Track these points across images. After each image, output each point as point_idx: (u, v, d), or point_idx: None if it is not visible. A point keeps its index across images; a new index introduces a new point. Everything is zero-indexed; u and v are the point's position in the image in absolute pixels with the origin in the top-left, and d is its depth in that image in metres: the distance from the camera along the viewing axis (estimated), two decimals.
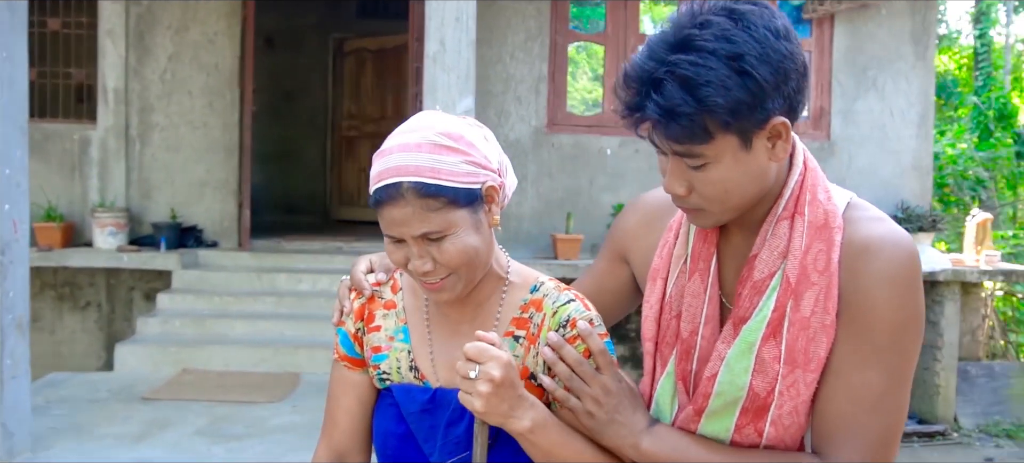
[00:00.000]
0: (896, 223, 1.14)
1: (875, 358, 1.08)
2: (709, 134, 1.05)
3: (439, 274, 1.17)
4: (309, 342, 4.87)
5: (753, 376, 1.12)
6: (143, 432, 3.65)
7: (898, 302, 1.07)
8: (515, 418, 1.14)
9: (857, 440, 1.09)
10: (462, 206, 1.16)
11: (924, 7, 6.61)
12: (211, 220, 6.26)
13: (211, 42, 6.22)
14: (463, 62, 3.11)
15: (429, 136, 1.15)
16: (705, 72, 1.02)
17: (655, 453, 1.16)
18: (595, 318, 1.22)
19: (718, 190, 1.10)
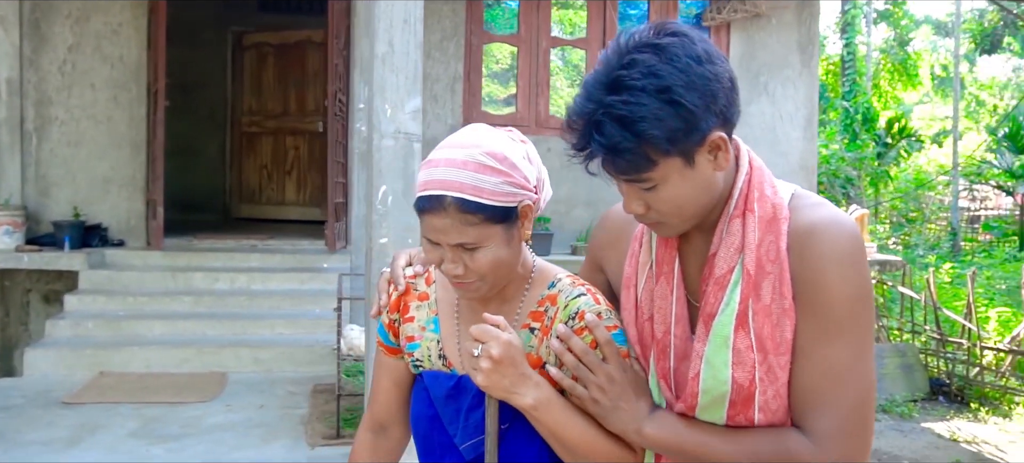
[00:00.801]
0: (840, 212, 1.20)
1: (836, 332, 1.14)
2: (652, 162, 1.13)
3: (469, 278, 1.27)
4: (233, 341, 4.81)
5: (733, 368, 1.18)
6: (73, 437, 3.54)
7: (847, 277, 1.13)
8: (518, 394, 1.23)
9: (831, 410, 1.14)
10: (498, 222, 1.24)
11: (809, 18, 7.17)
12: (117, 218, 6.02)
13: (115, 32, 5.99)
14: (411, 63, 3.20)
15: (475, 155, 1.23)
16: (638, 109, 1.10)
17: (656, 437, 1.23)
18: (604, 311, 1.30)
19: (672, 206, 1.18)
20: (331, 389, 4.32)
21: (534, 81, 6.68)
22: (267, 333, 4.96)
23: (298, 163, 9.08)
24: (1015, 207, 15.15)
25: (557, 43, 7.21)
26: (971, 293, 6.95)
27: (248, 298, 5.31)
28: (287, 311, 5.23)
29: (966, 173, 16.20)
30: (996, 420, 6.16)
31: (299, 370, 4.67)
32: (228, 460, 3.33)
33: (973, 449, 5.45)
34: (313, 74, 8.98)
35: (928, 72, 21.61)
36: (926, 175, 16.64)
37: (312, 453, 3.42)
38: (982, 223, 15.58)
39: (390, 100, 3.18)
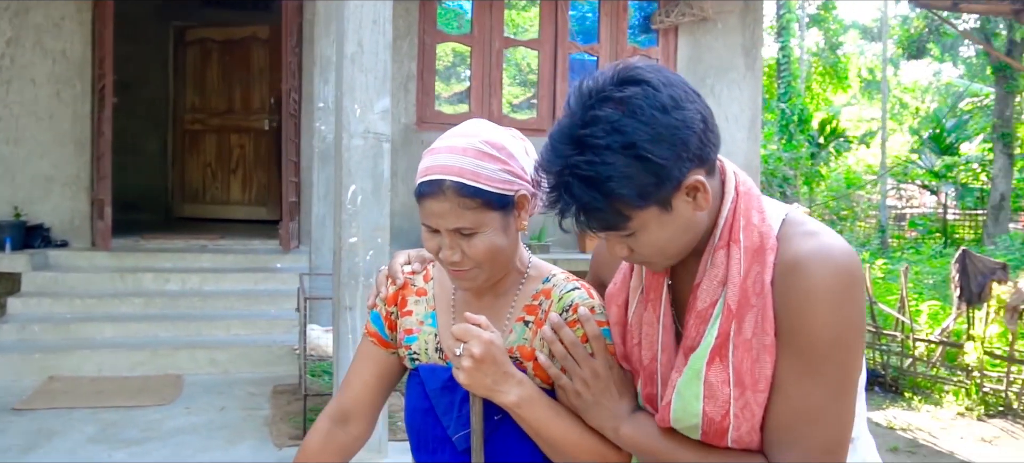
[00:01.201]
0: (835, 240, 1.14)
1: (812, 371, 1.10)
2: (626, 217, 1.10)
3: (466, 265, 1.29)
4: (188, 343, 4.73)
5: (705, 402, 1.14)
6: (29, 443, 3.44)
7: (829, 315, 1.08)
8: (500, 392, 1.24)
9: (799, 449, 1.11)
10: (495, 209, 1.27)
11: (752, 23, 7.41)
12: (60, 218, 5.84)
13: (57, 26, 5.80)
14: (380, 63, 3.22)
15: (475, 142, 1.27)
16: (604, 169, 1.06)
17: (632, 438, 1.22)
18: (598, 307, 1.31)
19: (654, 250, 1.15)
20: (292, 390, 4.30)
21: (487, 81, 6.73)
22: (223, 334, 4.89)
23: (244, 162, 8.92)
24: (938, 205, 15.90)
25: (510, 44, 7.28)
26: (904, 288, 7.28)
27: (201, 299, 5.22)
28: (242, 312, 5.16)
29: (893, 173, 16.91)
30: (928, 408, 6.48)
31: (257, 371, 4.62)
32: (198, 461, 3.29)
33: (908, 436, 5.73)
34: (259, 71, 8.84)
35: (855, 75, 22.48)
36: (856, 175, 17.31)
37: (280, 453, 3.40)
38: (908, 221, 16.30)
39: (359, 100, 3.19)
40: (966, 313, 6.62)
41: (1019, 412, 6.13)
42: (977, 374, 6.45)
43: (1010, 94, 12.01)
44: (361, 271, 3.16)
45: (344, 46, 3.19)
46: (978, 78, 20.71)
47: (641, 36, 7.45)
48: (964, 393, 6.49)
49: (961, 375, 6.58)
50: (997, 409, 6.26)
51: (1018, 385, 6.18)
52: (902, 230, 15.79)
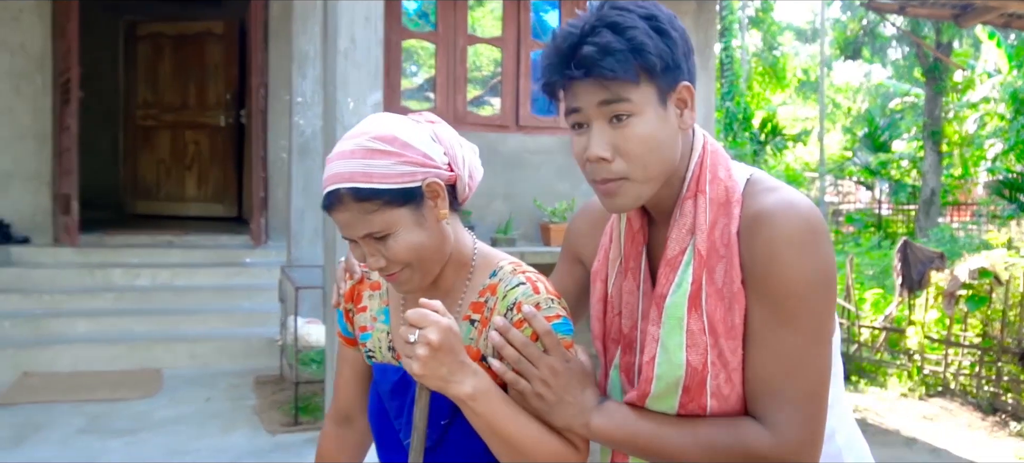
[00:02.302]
0: (799, 196, 1.16)
1: (787, 319, 1.11)
2: (636, 77, 1.11)
3: (393, 268, 1.21)
4: (165, 337, 4.74)
5: (687, 350, 1.15)
6: (15, 436, 3.43)
7: (797, 263, 1.10)
8: (454, 383, 1.14)
9: (787, 400, 1.12)
10: (400, 205, 1.18)
11: (706, 23, 7.68)
12: (20, 214, 5.73)
13: (16, 19, 5.69)
14: (372, 59, 3.32)
15: (362, 142, 1.18)
16: (631, 19, 1.12)
17: (604, 429, 1.18)
18: (544, 301, 1.22)
19: (642, 148, 1.14)
20: (275, 380, 4.36)
21: (451, 78, 6.83)
22: (200, 328, 4.91)
23: (199, 158, 8.82)
24: (873, 201, 16.61)
25: (473, 41, 7.39)
26: (850, 277, 7.67)
27: (174, 294, 5.22)
28: (217, 306, 5.18)
29: (830, 170, 17.58)
30: (874, 390, 6.86)
31: (237, 364, 4.66)
32: (193, 450, 3.34)
33: (857, 416, 6.05)
34: (214, 67, 8.74)
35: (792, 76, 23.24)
36: (795, 171, 17.93)
37: (274, 439, 3.48)
38: (846, 216, 16.98)
39: (352, 94, 3.29)
40: (907, 300, 7.02)
41: (956, 391, 6.55)
42: (918, 357, 6.85)
43: (938, 94, 12.65)
44: None
45: (337, 42, 3.28)
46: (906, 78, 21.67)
47: None
48: (906, 375, 6.89)
49: (903, 359, 6.99)
50: (936, 389, 6.67)
51: (955, 366, 6.60)
52: (840, 225, 16.45)
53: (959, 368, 6.57)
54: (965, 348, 6.53)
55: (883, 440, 5.53)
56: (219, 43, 8.75)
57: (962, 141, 15.19)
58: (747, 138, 15.86)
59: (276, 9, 6.31)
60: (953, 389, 6.56)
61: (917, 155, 15.04)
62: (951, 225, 14.26)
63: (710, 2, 7.71)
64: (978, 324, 6.58)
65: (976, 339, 6.54)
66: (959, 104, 15.11)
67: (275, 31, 6.30)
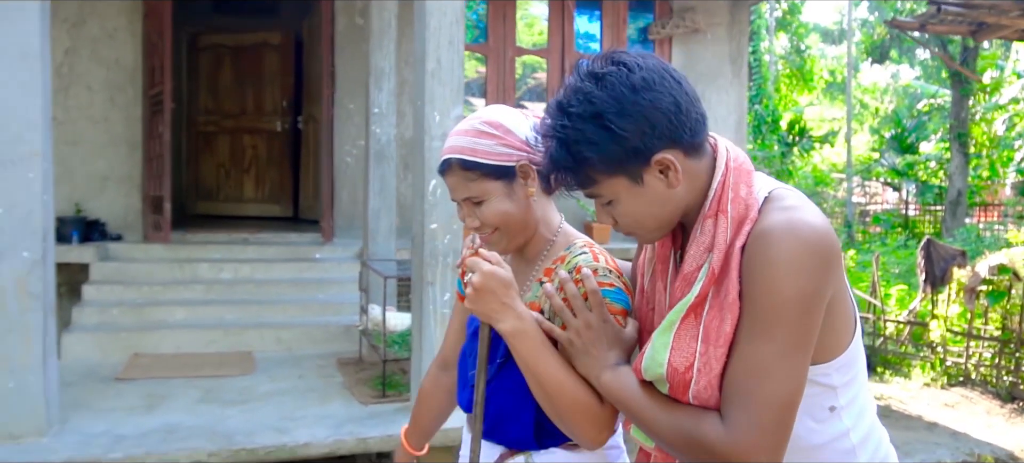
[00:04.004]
0: (807, 214, 1.19)
1: (763, 330, 1.15)
2: (593, 180, 1.23)
3: (485, 230, 1.46)
4: (254, 324, 5.27)
5: (672, 353, 1.22)
6: (147, 404, 3.98)
7: (783, 281, 1.14)
8: (498, 320, 1.34)
9: (748, 403, 1.16)
10: (495, 178, 1.43)
11: (738, 34, 8.12)
12: (114, 214, 6.32)
13: (111, 37, 6.28)
14: (455, 78, 3.81)
15: (474, 124, 1.45)
16: (574, 133, 1.19)
17: (610, 387, 1.30)
18: (602, 269, 1.41)
19: (630, 220, 1.27)
20: (355, 362, 4.87)
21: (501, 86, 7.34)
22: (282, 316, 5.44)
23: (256, 161, 9.36)
24: (900, 202, 16.83)
25: (521, 53, 7.89)
26: (876, 274, 8.04)
27: (255, 286, 5.75)
28: (294, 297, 5.71)
29: (858, 171, 17.78)
30: (899, 380, 7.24)
31: (318, 347, 5.18)
32: (299, 416, 3.86)
33: (881, 404, 6.47)
34: (270, 76, 9.29)
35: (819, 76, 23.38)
36: (822, 173, 18.17)
37: (367, 409, 3.98)
38: (872, 217, 17.20)
39: (438, 108, 3.79)
40: (930, 295, 7.39)
41: (977, 381, 6.91)
42: (940, 349, 7.22)
43: (964, 97, 12.90)
44: (440, 252, 3.76)
45: (425, 63, 3.78)
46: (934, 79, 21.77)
47: (639, 46, 8.11)
48: (929, 366, 7.26)
49: (926, 351, 7.36)
50: (958, 379, 7.04)
51: (976, 357, 6.96)
52: (867, 225, 16.68)
53: (980, 359, 6.93)
54: (985, 340, 6.90)
55: (906, 425, 5.92)
56: (275, 53, 9.29)
57: (990, 142, 15.38)
58: (775, 140, 16.14)
59: (341, 24, 6.84)
60: (974, 379, 6.93)
61: (944, 156, 15.26)
62: (978, 226, 14.46)
63: (742, 13, 8.15)
64: (998, 318, 6.95)
65: (996, 332, 6.91)
66: (987, 106, 15.29)
67: (340, 46, 6.83)
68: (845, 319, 1.26)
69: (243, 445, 3.44)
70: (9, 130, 3.26)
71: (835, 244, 1.18)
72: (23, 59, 3.25)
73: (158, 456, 3.32)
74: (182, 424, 3.67)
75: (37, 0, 3.27)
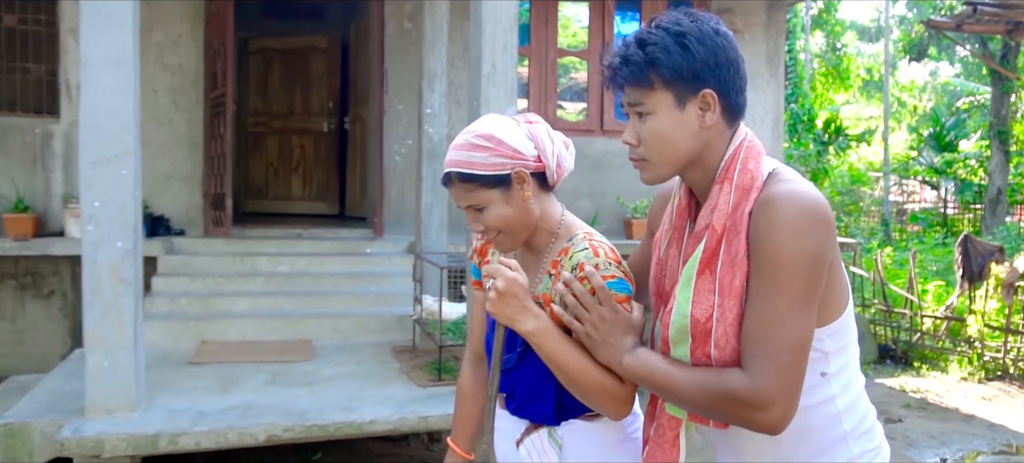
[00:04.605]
0: (807, 187, 1.35)
1: (774, 286, 1.30)
2: (649, 83, 1.38)
3: (490, 233, 1.59)
4: (312, 314, 5.56)
5: (693, 305, 1.38)
6: (223, 385, 4.27)
7: (787, 242, 1.29)
8: (519, 321, 1.49)
9: (765, 350, 1.31)
10: (493, 187, 1.54)
11: (775, 34, 8.25)
12: (177, 210, 6.66)
13: (175, 44, 6.62)
14: (508, 80, 4.05)
15: (470, 138, 1.56)
16: (655, 37, 1.38)
17: (632, 367, 1.45)
18: (602, 263, 1.53)
19: (656, 140, 1.41)
20: (409, 349, 5.14)
21: (543, 88, 7.57)
22: (337, 307, 5.72)
23: (304, 161, 9.69)
24: (938, 200, 16.72)
25: (563, 54, 8.11)
26: (913, 271, 8.12)
27: (311, 278, 6.05)
28: (348, 289, 5.99)
29: (895, 169, 17.67)
30: (935, 375, 7.32)
31: (373, 337, 5.45)
32: (363, 397, 4.12)
33: (918, 397, 6.58)
34: (317, 78, 9.62)
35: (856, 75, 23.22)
36: (859, 171, 18.11)
37: (426, 391, 4.23)
38: (910, 215, 17.09)
39: (493, 109, 4.03)
40: (968, 291, 7.47)
41: (1015, 375, 6.98)
42: (978, 344, 7.30)
43: (1005, 94, 12.83)
44: None
45: (481, 67, 4.03)
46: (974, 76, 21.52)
47: None
48: (966, 361, 7.34)
49: (964, 346, 7.43)
50: (995, 373, 7.12)
51: (1014, 352, 7.03)
52: (904, 224, 16.60)
53: (1018, 354, 7.00)
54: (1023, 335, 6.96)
55: (943, 417, 6.03)
56: (322, 57, 9.62)
57: None
58: (810, 139, 16.15)
59: (390, 29, 7.12)
60: (1011, 373, 7.00)
61: (984, 154, 15.15)
62: (1019, 223, 14.33)
63: (779, 13, 8.28)
64: None
65: None
66: None
67: (389, 49, 7.11)
68: (839, 290, 1.40)
69: (314, 422, 3.72)
70: (105, 131, 3.56)
71: (831, 214, 1.33)
72: (118, 65, 3.56)
73: (239, 430, 3.60)
74: (256, 403, 3.96)
75: (130, 10, 3.58)
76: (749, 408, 1.30)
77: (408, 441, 5.15)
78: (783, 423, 1.31)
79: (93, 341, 3.59)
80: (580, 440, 1.61)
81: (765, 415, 1.29)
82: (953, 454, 5.21)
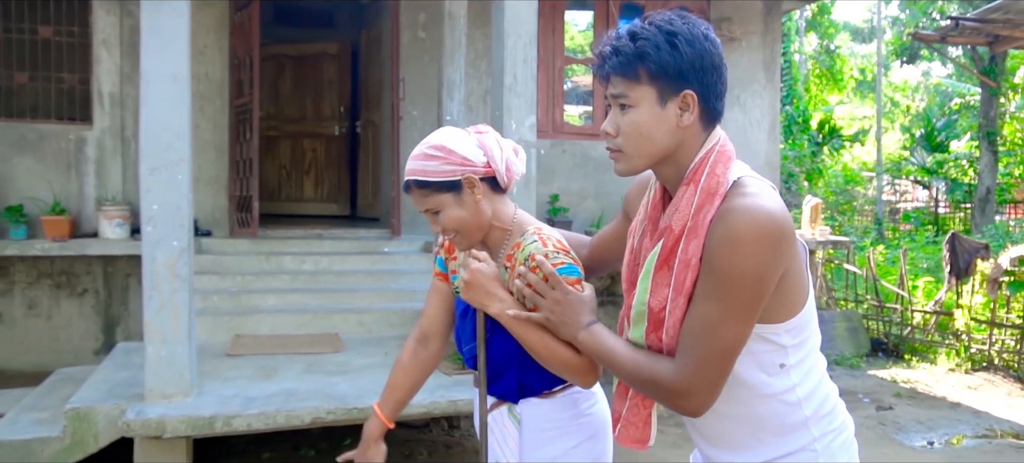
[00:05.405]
0: (769, 199, 1.39)
1: (714, 294, 1.38)
2: (635, 76, 1.43)
3: (448, 234, 1.76)
4: (337, 309, 5.89)
5: (650, 295, 1.49)
6: (263, 374, 4.60)
7: (735, 256, 1.35)
8: (487, 306, 1.68)
9: (693, 349, 1.41)
10: (445, 192, 1.70)
11: (772, 42, 8.61)
12: (203, 212, 6.98)
13: (201, 53, 6.94)
14: (528, 91, 4.38)
15: (423, 149, 1.73)
16: (647, 33, 1.44)
17: (587, 343, 1.58)
18: (550, 253, 1.69)
19: (634, 132, 1.46)
20: None
21: (551, 93, 7.91)
22: (360, 303, 6.06)
23: (315, 164, 10.00)
24: (930, 199, 17.09)
25: (570, 62, 8.45)
26: (904, 267, 8.48)
27: (334, 276, 6.38)
28: (369, 286, 6.33)
29: (888, 169, 18.04)
30: (925, 366, 7.69)
31: (395, 330, 5.79)
32: None
33: (908, 387, 6.94)
34: (328, 83, 9.94)
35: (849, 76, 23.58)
36: (853, 172, 18.47)
37: (452, 379, 4.57)
38: (902, 214, 17.47)
39: (515, 117, 4.37)
40: (955, 286, 7.83)
41: (999, 366, 7.36)
42: (965, 337, 7.66)
43: (994, 97, 13.20)
44: None
45: (503, 79, 4.37)
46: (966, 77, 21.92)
47: None
48: (954, 353, 7.71)
49: (952, 339, 7.79)
50: (981, 364, 7.49)
51: (999, 344, 7.40)
52: (897, 223, 16.96)
53: (1003, 346, 7.38)
54: (1008, 328, 7.34)
55: (931, 405, 6.40)
56: (333, 62, 9.94)
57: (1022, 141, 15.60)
58: (805, 139, 16.50)
59: (405, 37, 7.45)
60: (996, 364, 7.37)
61: (974, 155, 15.53)
62: (1007, 222, 14.71)
63: (775, 21, 8.64)
64: (1020, 306, 7.38)
65: (1018, 320, 7.34)
66: (1020, 105, 15.51)
67: (404, 57, 7.44)
68: (797, 290, 1.46)
69: (354, 405, 4.05)
70: (162, 140, 3.89)
71: (787, 228, 1.38)
72: (173, 81, 3.89)
73: (286, 413, 3.94)
74: (298, 389, 4.29)
75: (185, 31, 3.91)
76: (670, 394, 1.43)
77: (430, 427, 5.49)
78: (700, 411, 1.43)
79: (152, 332, 3.93)
80: (537, 415, 1.81)
81: (684, 402, 1.42)
82: (939, 438, 5.57)
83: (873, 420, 5.88)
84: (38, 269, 6.65)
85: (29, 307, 6.67)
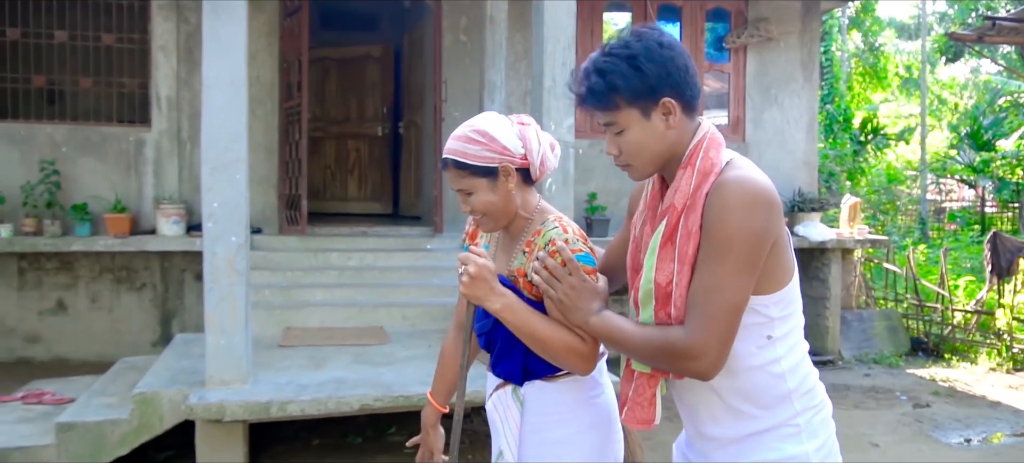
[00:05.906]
0: (757, 175, 1.53)
1: (716, 256, 1.50)
2: (615, 106, 1.56)
3: (475, 215, 1.82)
4: (382, 303, 6.13)
5: (656, 271, 1.58)
6: (314, 363, 4.84)
7: (730, 220, 1.48)
8: (488, 302, 1.72)
9: (702, 308, 1.51)
10: (480, 176, 1.76)
11: (809, 41, 8.64)
12: (254, 210, 7.24)
13: (253, 58, 7.22)
14: (567, 93, 4.56)
15: (466, 131, 1.78)
16: (610, 64, 1.55)
17: (598, 328, 1.66)
18: (571, 238, 1.75)
19: (633, 149, 1.59)
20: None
21: None
22: (404, 297, 6.28)
23: (359, 163, 10.26)
24: (976, 199, 16.81)
25: None
26: (944, 266, 8.44)
27: (379, 272, 6.61)
28: (413, 281, 6.55)
29: (933, 168, 17.77)
30: (965, 366, 7.66)
31: (437, 324, 6.00)
32: None
33: (946, 386, 6.93)
34: (371, 85, 10.20)
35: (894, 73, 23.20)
36: (896, 170, 18.22)
37: None
38: (947, 214, 17.20)
39: (553, 119, 4.54)
40: (997, 286, 7.79)
41: None
42: (1007, 336, 7.61)
43: None
44: None
45: (543, 81, 4.54)
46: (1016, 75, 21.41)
47: (715, 54, 8.71)
48: (995, 352, 7.66)
49: (993, 338, 7.74)
50: (1023, 364, 7.42)
51: None
52: (941, 222, 16.71)
53: None
54: None
55: (969, 403, 6.40)
56: (376, 64, 10.20)
57: None
58: (847, 138, 16.34)
59: (447, 41, 7.66)
60: None
61: (1022, 154, 15.24)
62: None
63: (814, 21, 8.66)
64: None
65: None
66: None
67: (446, 60, 7.65)
68: (783, 264, 1.58)
69: (400, 393, 4.26)
70: (221, 142, 4.15)
71: (776, 199, 1.53)
72: (232, 86, 4.14)
73: (337, 399, 4.16)
74: (347, 378, 4.52)
75: (243, 39, 4.16)
76: (684, 357, 1.51)
77: (471, 418, 5.68)
78: (713, 371, 1.51)
79: (212, 323, 4.18)
80: (540, 398, 1.85)
81: (697, 363, 1.50)
82: (977, 436, 5.59)
83: (909, 417, 5.92)
84: (101, 264, 7.00)
85: (92, 300, 7.03)
